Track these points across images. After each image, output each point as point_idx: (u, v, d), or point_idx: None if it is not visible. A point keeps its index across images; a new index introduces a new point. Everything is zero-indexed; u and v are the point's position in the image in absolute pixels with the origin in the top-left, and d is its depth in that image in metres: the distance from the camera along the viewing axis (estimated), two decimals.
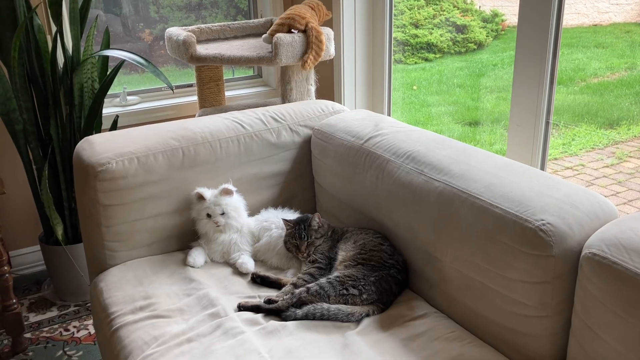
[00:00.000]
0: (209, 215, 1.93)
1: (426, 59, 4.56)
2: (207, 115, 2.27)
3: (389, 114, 3.05)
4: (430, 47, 4.49)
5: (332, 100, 2.94)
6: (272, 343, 1.55)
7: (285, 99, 2.68)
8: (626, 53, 3.24)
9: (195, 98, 3.19)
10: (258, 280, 1.86)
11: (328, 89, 3.06)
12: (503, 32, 4.55)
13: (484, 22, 4.34)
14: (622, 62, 3.30)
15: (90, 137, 2.02)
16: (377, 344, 1.55)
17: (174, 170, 1.95)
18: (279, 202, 2.18)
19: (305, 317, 1.64)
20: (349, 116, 2.21)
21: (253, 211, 2.05)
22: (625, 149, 3.34)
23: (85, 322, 2.56)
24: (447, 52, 4.49)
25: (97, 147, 1.95)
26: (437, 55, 4.53)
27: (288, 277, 1.89)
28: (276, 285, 1.84)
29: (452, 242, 1.60)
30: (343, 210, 2.10)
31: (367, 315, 1.66)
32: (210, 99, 2.94)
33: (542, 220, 1.38)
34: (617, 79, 3.39)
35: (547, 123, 2.09)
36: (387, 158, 1.86)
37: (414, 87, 4.56)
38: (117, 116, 2.67)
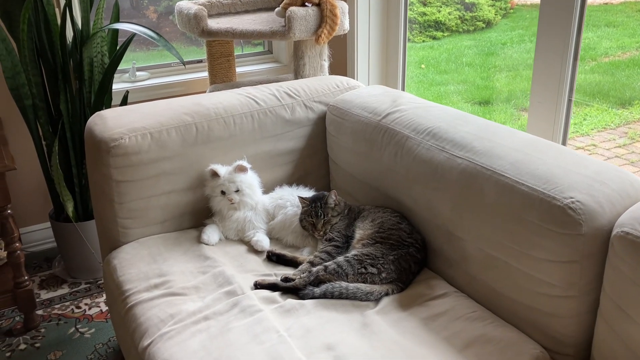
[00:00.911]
0: (223, 193, 1.90)
1: (434, 38, 4.49)
2: (218, 91, 2.22)
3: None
4: (438, 25, 4.42)
5: (345, 76, 2.87)
6: (290, 322, 1.53)
7: (298, 74, 2.62)
8: (637, 32, 3.18)
9: (205, 74, 3.13)
10: (274, 259, 1.82)
11: (341, 65, 3.00)
12: (512, 10, 4.47)
13: (492, 0, 4.28)
14: (634, 41, 3.24)
15: (102, 112, 1.98)
16: (397, 323, 1.53)
17: (188, 146, 1.91)
18: (292, 179, 2.16)
19: (323, 296, 1.61)
20: (365, 92, 2.16)
21: (267, 189, 2.02)
22: (637, 129, 3.30)
23: (96, 300, 2.54)
24: (456, 31, 4.43)
25: (109, 122, 1.91)
26: (445, 34, 4.47)
27: (304, 255, 1.86)
28: (292, 263, 1.81)
29: (475, 220, 1.56)
30: (358, 188, 2.06)
31: (386, 294, 1.63)
32: (221, 74, 2.89)
33: (571, 198, 1.34)
34: (628, 59, 3.33)
35: (570, 101, 2.04)
36: (406, 134, 1.81)
37: (422, 66, 4.50)
38: (128, 91, 2.63)
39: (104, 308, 2.48)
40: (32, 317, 2.33)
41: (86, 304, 2.50)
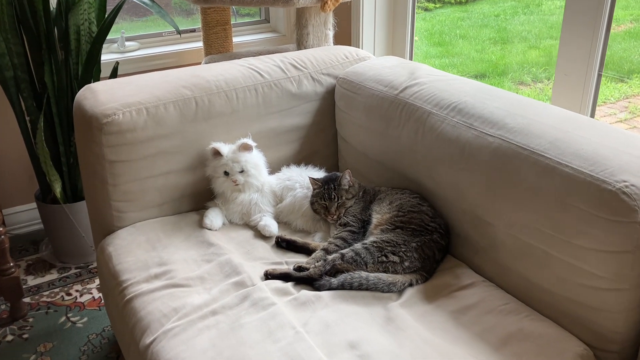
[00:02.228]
0: (226, 173, 1.78)
1: (426, 9, 4.37)
2: (214, 62, 2.06)
3: None
4: None
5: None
6: (307, 316, 1.40)
7: (301, 44, 2.46)
8: (631, 4, 3.09)
9: (199, 44, 2.96)
10: (283, 245, 1.70)
11: (344, 35, 2.84)
12: None
13: None
14: (627, 13, 3.15)
15: (92, 84, 1.82)
16: (423, 317, 1.41)
17: (187, 122, 1.79)
18: (298, 158, 2.04)
19: (341, 287, 1.49)
20: (378, 63, 2.01)
21: (272, 169, 1.90)
22: (637, 103, 3.22)
23: (88, 286, 2.40)
24: (447, 2, 4.31)
25: (100, 96, 1.75)
26: (437, 5, 4.35)
27: (316, 241, 1.73)
28: (304, 250, 1.68)
29: (509, 204, 1.44)
30: (372, 168, 1.93)
31: (410, 284, 1.51)
32: (217, 44, 2.71)
33: (625, 181, 1.21)
34: (623, 31, 3.24)
35: (599, 75, 1.90)
36: (428, 110, 1.68)
37: (415, 38, 4.38)
38: (118, 62, 2.45)
39: (97, 295, 2.34)
40: (19, 306, 2.19)
41: (77, 291, 2.37)
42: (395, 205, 1.66)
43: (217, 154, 1.78)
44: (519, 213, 1.41)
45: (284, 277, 1.54)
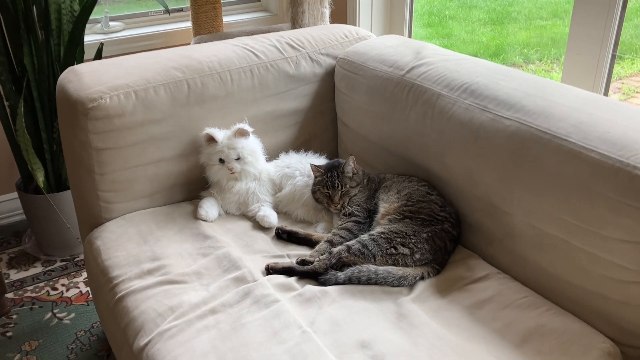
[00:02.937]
0: (221, 161, 1.70)
1: None
2: (204, 43, 1.96)
3: None
4: None
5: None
6: (313, 313, 1.32)
7: (296, 23, 2.36)
8: None
9: (187, 24, 2.83)
10: (284, 236, 1.62)
11: (341, 13, 2.73)
12: None
13: None
14: None
15: (76, 66, 1.71)
16: (437, 313, 1.34)
17: (179, 106, 1.70)
18: (296, 144, 1.96)
19: (349, 281, 1.41)
20: (380, 43, 1.92)
21: (269, 155, 1.83)
22: (631, 84, 3.18)
23: (74, 280, 2.30)
24: None
25: (85, 78, 1.65)
26: None
27: (319, 232, 1.65)
28: (307, 242, 1.60)
29: (528, 192, 1.36)
30: (375, 154, 1.85)
31: (422, 278, 1.44)
32: (207, 24, 2.60)
33: None
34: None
35: (613, 56, 1.82)
36: (437, 92, 1.59)
37: None
38: (102, 44, 2.32)
39: (84, 289, 2.24)
40: (2, 302, 2.10)
41: (63, 285, 2.27)
42: (404, 194, 1.58)
43: (211, 140, 1.70)
44: (539, 201, 1.34)
45: (287, 271, 1.46)
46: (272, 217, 1.66)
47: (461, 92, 1.54)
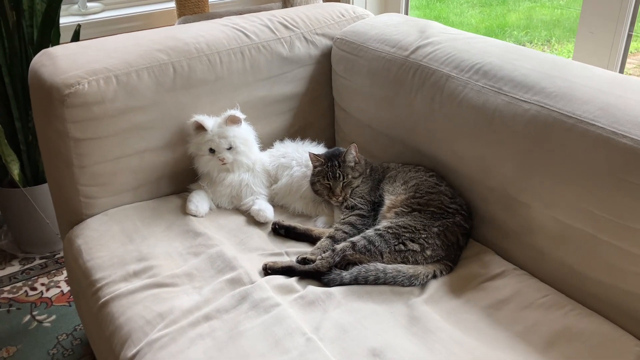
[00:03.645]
0: (212, 151, 1.60)
1: None
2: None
3: None
4: None
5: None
6: (317, 318, 1.22)
7: (287, 2, 2.23)
8: None
9: (170, 5, 2.69)
10: (281, 232, 1.52)
11: None
12: None
13: None
14: None
15: (51, 49, 1.59)
16: (453, 315, 1.24)
17: (164, 92, 1.60)
18: (290, 132, 1.87)
19: (355, 281, 1.31)
20: (380, 21, 1.80)
21: (262, 144, 1.72)
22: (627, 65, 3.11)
23: (55, 279, 2.18)
24: None
25: (60, 62, 1.53)
26: None
27: (319, 226, 1.55)
28: (306, 237, 1.50)
29: (549, 182, 1.26)
30: (376, 141, 1.75)
31: (434, 276, 1.34)
32: (191, 4, 2.46)
33: None
34: None
35: (629, 36, 1.72)
36: (446, 73, 1.49)
37: None
38: (79, 25, 2.18)
39: (66, 288, 2.12)
40: None
41: (43, 284, 2.15)
42: (411, 185, 1.48)
43: (200, 128, 1.60)
44: (563, 192, 1.24)
45: (287, 271, 1.36)
46: (267, 211, 1.57)
47: (473, 74, 1.44)
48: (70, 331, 1.93)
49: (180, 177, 1.69)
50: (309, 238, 1.49)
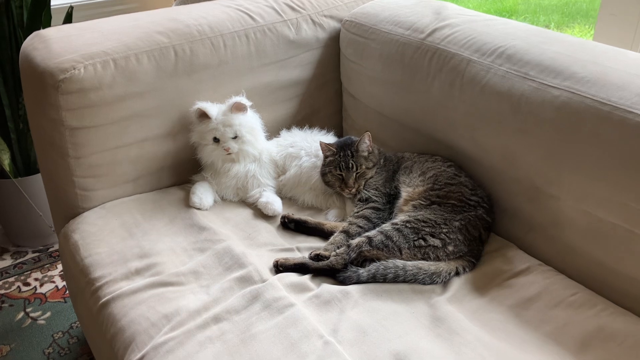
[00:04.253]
0: (216, 140, 1.54)
1: None
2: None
3: None
4: None
5: None
6: (334, 318, 1.16)
7: None
8: None
9: None
10: (291, 226, 1.46)
11: None
12: None
13: None
14: None
15: (43, 31, 1.51)
16: (478, 315, 1.18)
17: (165, 77, 1.53)
18: (297, 119, 1.81)
19: (372, 279, 1.25)
20: (392, 2, 1.74)
21: (268, 133, 1.65)
22: None
23: (49, 273, 2.10)
24: None
25: (54, 45, 1.45)
26: None
27: (330, 220, 1.49)
28: (317, 232, 1.44)
29: (580, 173, 1.20)
30: (388, 129, 1.68)
31: (456, 273, 1.28)
32: None
33: None
34: None
35: None
36: (466, 57, 1.41)
37: None
38: (72, 7, 2.09)
39: (61, 283, 2.05)
40: None
41: (36, 280, 2.07)
42: (430, 176, 1.42)
43: (203, 116, 1.53)
44: (596, 184, 1.18)
45: (299, 268, 1.29)
46: (275, 204, 1.51)
47: (496, 57, 1.36)
48: (67, 329, 1.86)
49: (183, 168, 1.63)
50: (320, 232, 1.43)
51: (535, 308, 1.19)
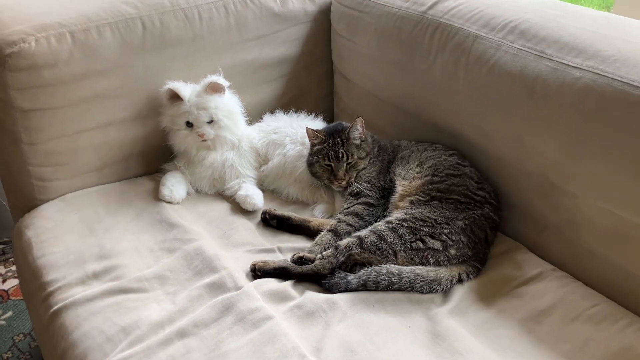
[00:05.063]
0: (189, 125, 1.46)
1: None
2: None
3: None
4: None
5: None
6: (318, 334, 1.06)
7: None
8: None
9: None
10: (273, 223, 1.37)
11: None
12: None
13: None
14: None
15: None
16: (484, 330, 1.08)
17: (131, 53, 1.45)
18: (282, 102, 1.72)
19: (363, 287, 1.15)
20: None
21: (250, 117, 1.59)
22: None
23: (13, 268, 1.99)
24: None
25: (1, 15, 1.36)
26: None
27: (317, 216, 1.40)
28: (303, 230, 1.35)
29: (604, 167, 1.09)
30: (384, 114, 1.59)
31: (459, 280, 1.18)
32: None
33: None
34: None
35: None
36: (473, 33, 1.31)
37: None
38: None
39: None
40: None
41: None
42: (428, 167, 1.31)
43: (175, 97, 1.45)
44: (621, 179, 1.07)
45: (280, 273, 1.20)
46: (256, 198, 1.42)
47: (507, 33, 1.25)
48: (29, 330, 1.77)
49: (152, 156, 1.56)
50: (305, 230, 1.34)
51: (550, 322, 1.09)
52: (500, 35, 1.25)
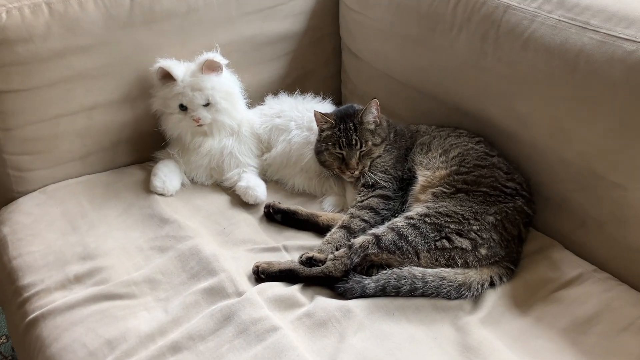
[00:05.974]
0: (183, 108, 1.40)
1: None
2: None
3: None
4: None
5: None
6: (330, 348, 0.98)
7: None
8: None
9: None
10: (277, 218, 1.30)
11: None
12: None
13: None
14: None
15: None
16: (521, 342, 1.00)
17: (117, 28, 1.38)
18: (286, 83, 1.66)
19: (382, 292, 1.07)
20: None
21: (250, 99, 1.53)
22: None
23: None
24: None
25: None
26: None
27: (327, 210, 1.33)
28: (311, 225, 1.27)
29: None
30: (398, 96, 1.52)
31: (491, 284, 1.10)
32: None
33: None
34: None
35: None
36: (504, 2, 1.22)
37: None
38: None
39: None
40: None
41: None
42: (454, 156, 1.23)
43: (167, 77, 1.39)
44: None
45: (286, 275, 1.12)
46: (258, 189, 1.36)
47: (543, 2, 1.18)
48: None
49: (142, 143, 1.51)
50: (314, 226, 1.27)
51: (595, 332, 1.01)
52: (535, 5, 1.18)
